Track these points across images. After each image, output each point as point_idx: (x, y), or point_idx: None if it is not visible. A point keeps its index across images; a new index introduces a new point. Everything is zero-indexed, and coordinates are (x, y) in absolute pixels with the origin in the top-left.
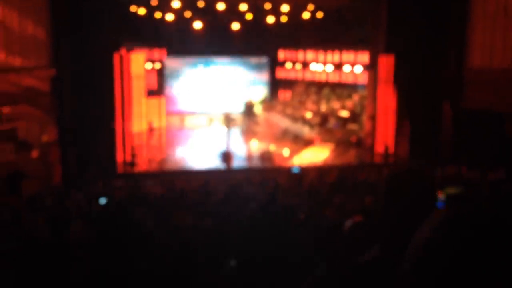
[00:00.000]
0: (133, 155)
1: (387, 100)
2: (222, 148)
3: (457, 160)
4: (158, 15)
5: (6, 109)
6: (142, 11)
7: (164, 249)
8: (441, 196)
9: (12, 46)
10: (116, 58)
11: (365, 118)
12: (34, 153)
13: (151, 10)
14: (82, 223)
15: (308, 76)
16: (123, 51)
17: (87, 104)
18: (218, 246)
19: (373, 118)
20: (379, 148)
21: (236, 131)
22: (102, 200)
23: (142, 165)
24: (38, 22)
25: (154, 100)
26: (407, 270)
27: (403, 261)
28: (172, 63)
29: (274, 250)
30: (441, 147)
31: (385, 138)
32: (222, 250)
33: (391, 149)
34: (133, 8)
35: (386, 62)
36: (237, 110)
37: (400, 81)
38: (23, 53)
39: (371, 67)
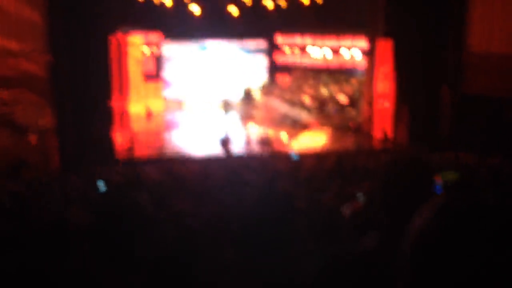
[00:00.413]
0: (131, 141)
1: (385, 85)
2: (221, 133)
3: (455, 145)
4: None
5: (3, 94)
6: None
7: (163, 235)
8: (438, 181)
9: (8, 30)
10: (112, 41)
11: (363, 103)
12: (32, 138)
13: None
14: (81, 208)
15: (306, 61)
16: (119, 34)
17: (84, 88)
18: (217, 232)
19: (371, 103)
20: (377, 134)
21: (234, 116)
22: (101, 186)
23: (140, 151)
24: (34, 5)
25: (152, 85)
26: (403, 260)
27: (400, 251)
28: (170, 47)
29: (273, 236)
30: (439, 132)
31: (383, 123)
32: (221, 237)
33: (389, 135)
34: None
35: (384, 47)
36: (235, 95)
37: (399, 66)
38: (20, 37)
39: (369, 52)
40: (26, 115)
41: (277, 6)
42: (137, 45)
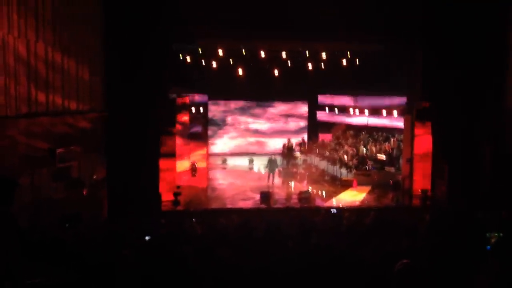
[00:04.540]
0: (177, 194)
1: (424, 143)
2: (262, 188)
3: (496, 203)
4: (203, 62)
5: (60, 150)
6: (189, 58)
7: (205, 285)
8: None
9: (69, 90)
10: (164, 102)
11: (402, 161)
12: (85, 191)
13: (197, 57)
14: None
15: (346, 120)
16: (170, 95)
17: (135, 145)
18: (258, 283)
19: (410, 161)
20: (417, 191)
21: (275, 172)
22: (146, 237)
23: (185, 204)
24: (93, 68)
25: (197, 142)
26: None
27: None
28: (215, 107)
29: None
30: (480, 190)
31: (422, 181)
32: (262, 287)
33: (429, 192)
34: (181, 56)
35: (423, 107)
36: (277, 152)
37: (437, 125)
38: (79, 97)
39: (407, 111)
40: (81, 170)
41: (317, 68)
42: (185, 105)
